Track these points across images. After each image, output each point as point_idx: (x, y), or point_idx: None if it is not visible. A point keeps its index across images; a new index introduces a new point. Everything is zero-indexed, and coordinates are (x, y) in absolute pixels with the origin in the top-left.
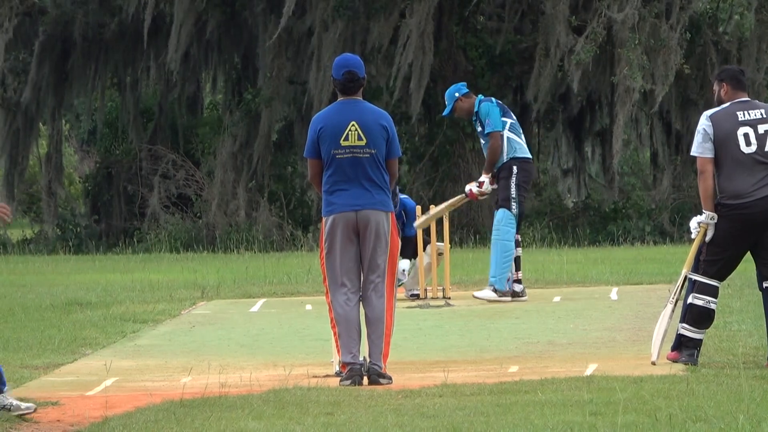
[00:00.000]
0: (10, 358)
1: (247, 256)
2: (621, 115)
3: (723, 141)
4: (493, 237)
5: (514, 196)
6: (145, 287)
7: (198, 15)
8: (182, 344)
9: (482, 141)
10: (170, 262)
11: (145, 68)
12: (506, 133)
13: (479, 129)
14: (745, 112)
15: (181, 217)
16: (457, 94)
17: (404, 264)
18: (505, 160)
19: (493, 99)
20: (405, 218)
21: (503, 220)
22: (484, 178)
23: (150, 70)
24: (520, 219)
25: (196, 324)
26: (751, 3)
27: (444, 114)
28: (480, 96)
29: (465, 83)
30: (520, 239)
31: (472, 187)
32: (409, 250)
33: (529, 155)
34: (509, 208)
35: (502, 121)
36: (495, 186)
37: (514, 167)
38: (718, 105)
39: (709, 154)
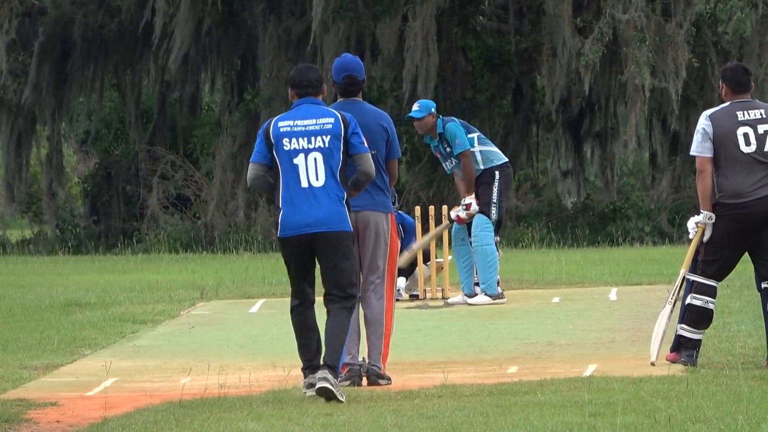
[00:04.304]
0: (9, 358)
1: (246, 256)
2: (633, 114)
3: (722, 140)
4: (473, 245)
5: (495, 201)
6: (144, 288)
7: (199, 16)
8: (181, 345)
9: (448, 162)
10: (169, 262)
11: (145, 69)
12: (478, 148)
13: (444, 150)
14: (745, 112)
15: (180, 218)
16: (432, 110)
17: (400, 282)
18: (484, 169)
19: (455, 118)
20: (403, 235)
21: (479, 226)
22: (470, 199)
23: (150, 70)
24: (500, 223)
25: (196, 325)
26: (755, 1)
27: (412, 115)
28: (440, 116)
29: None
30: (499, 240)
31: (459, 212)
32: (406, 267)
33: (505, 159)
34: (488, 213)
35: (469, 138)
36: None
37: (497, 172)
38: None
39: (708, 154)
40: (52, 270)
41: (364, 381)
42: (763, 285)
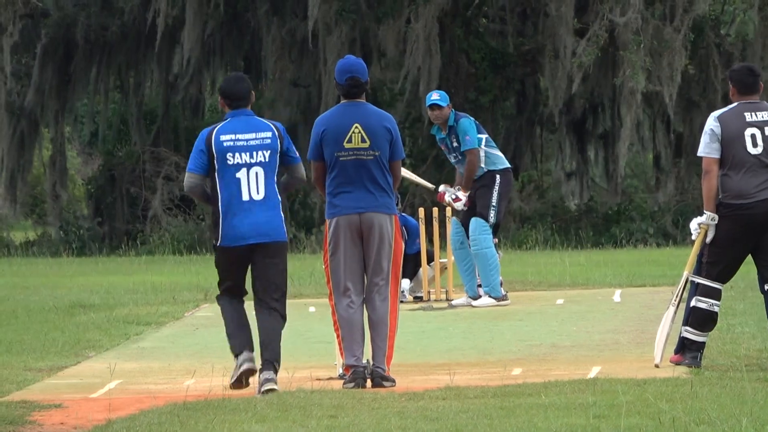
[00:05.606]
0: (13, 360)
1: None
2: (628, 117)
3: (730, 141)
4: (472, 249)
5: (494, 204)
6: (148, 289)
7: (202, 18)
8: (185, 346)
9: (453, 156)
10: (173, 264)
11: (149, 71)
12: (484, 149)
13: (451, 144)
14: (753, 113)
15: (183, 219)
16: (449, 101)
17: (404, 284)
18: (485, 171)
19: (468, 115)
20: (407, 237)
21: (477, 230)
22: (463, 196)
23: (153, 72)
24: (497, 227)
25: (200, 326)
26: (754, 2)
27: (436, 102)
28: (453, 110)
29: None
30: (497, 241)
31: (447, 195)
32: (410, 269)
33: (508, 165)
34: (486, 217)
35: (479, 138)
36: (465, 208)
37: (497, 176)
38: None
39: (716, 155)
40: (56, 272)
41: (369, 383)
42: (766, 287)
